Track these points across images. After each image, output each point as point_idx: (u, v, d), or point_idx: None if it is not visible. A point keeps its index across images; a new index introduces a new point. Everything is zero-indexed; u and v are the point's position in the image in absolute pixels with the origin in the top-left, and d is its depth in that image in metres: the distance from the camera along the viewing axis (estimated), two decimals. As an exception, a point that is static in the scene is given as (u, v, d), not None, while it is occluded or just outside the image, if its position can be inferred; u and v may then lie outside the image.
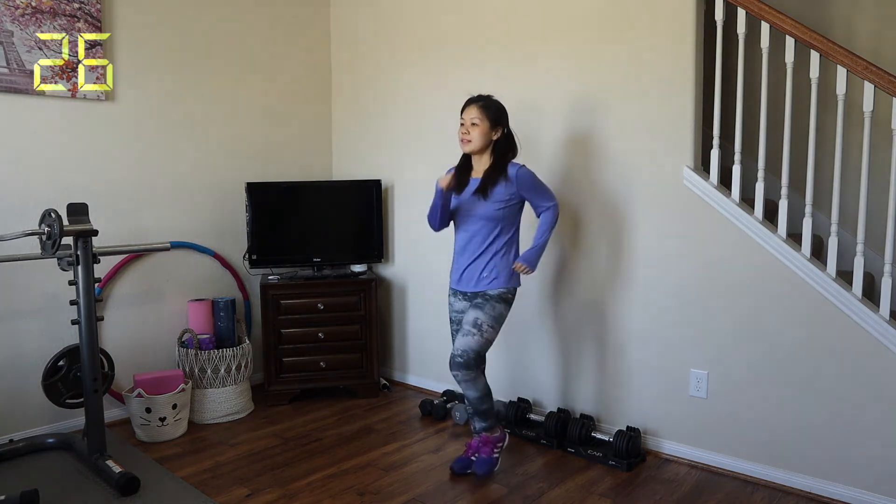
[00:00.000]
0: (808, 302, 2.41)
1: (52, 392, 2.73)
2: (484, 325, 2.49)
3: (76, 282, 2.56)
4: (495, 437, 2.64)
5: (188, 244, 3.47)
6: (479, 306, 2.52)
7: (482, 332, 2.48)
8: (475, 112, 2.52)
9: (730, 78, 2.97)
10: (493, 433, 2.64)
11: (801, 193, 2.87)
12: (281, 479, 2.62)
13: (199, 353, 3.18)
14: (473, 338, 2.48)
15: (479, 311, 2.51)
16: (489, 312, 2.51)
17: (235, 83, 3.64)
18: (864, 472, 2.34)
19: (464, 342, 2.48)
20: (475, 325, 2.49)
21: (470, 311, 2.54)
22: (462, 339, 2.49)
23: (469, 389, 2.52)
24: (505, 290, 2.54)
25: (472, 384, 2.50)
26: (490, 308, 2.51)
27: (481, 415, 2.58)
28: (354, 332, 3.58)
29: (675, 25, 2.64)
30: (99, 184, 3.14)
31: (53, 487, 2.50)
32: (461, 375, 2.49)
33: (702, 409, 2.70)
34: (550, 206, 2.59)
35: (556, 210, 2.60)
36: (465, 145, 2.56)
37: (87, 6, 3.03)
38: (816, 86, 2.41)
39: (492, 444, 2.63)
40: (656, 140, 2.73)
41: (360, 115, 3.96)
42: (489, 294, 2.53)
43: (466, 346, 2.48)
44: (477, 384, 2.51)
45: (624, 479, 2.61)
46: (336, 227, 3.71)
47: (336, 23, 4.05)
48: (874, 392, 2.30)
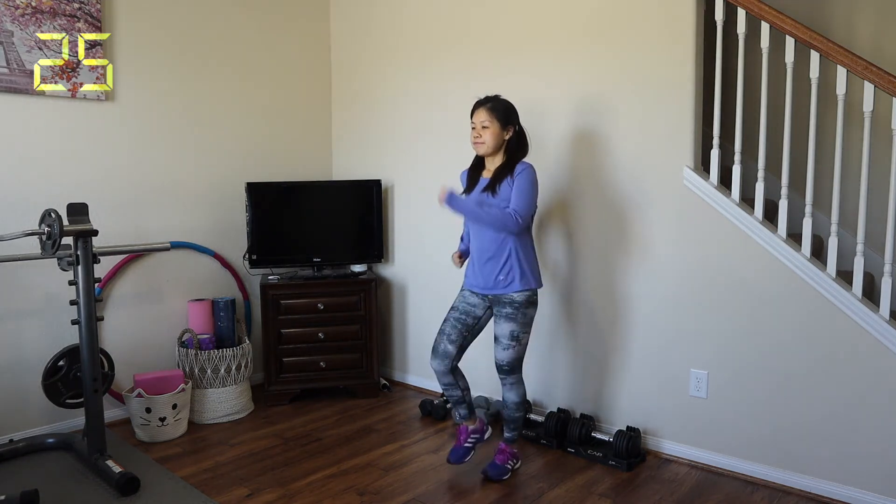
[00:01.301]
0: (808, 302, 2.41)
1: (52, 392, 2.73)
2: (520, 335, 2.52)
3: (76, 282, 2.56)
4: (514, 452, 2.68)
5: (188, 244, 3.47)
6: (512, 318, 2.50)
7: (520, 342, 2.53)
8: (484, 114, 2.51)
9: (730, 78, 2.97)
10: (514, 447, 2.68)
11: (801, 193, 2.88)
12: (281, 479, 2.62)
13: (199, 353, 3.18)
14: (515, 350, 2.52)
15: (512, 322, 2.51)
16: (521, 321, 2.52)
17: (235, 83, 3.64)
18: (864, 472, 2.34)
19: (506, 355, 2.52)
20: (513, 339, 2.51)
21: (503, 323, 2.51)
22: (504, 353, 2.52)
23: (511, 392, 2.58)
24: (530, 293, 2.52)
25: (515, 387, 2.58)
26: (521, 317, 2.52)
27: (512, 422, 2.63)
28: (354, 332, 3.58)
29: (675, 25, 2.64)
30: (99, 184, 3.14)
31: (53, 487, 2.50)
32: (508, 380, 2.56)
33: (702, 409, 2.70)
34: (513, 210, 2.42)
35: (513, 217, 2.41)
36: (479, 148, 2.54)
37: (87, 6, 3.03)
38: (816, 86, 2.41)
39: (509, 455, 2.65)
40: (656, 140, 2.73)
41: (360, 115, 3.96)
42: (517, 301, 2.50)
43: (509, 358, 2.52)
44: (520, 388, 2.59)
45: (624, 479, 2.61)
46: (336, 227, 3.71)
47: (336, 23, 4.05)
48: (874, 392, 2.30)
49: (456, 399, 2.66)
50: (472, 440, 2.70)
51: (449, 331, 2.60)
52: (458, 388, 2.64)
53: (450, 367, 2.60)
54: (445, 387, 2.64)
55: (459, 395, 2.65)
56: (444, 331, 2.61)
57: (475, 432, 2.71)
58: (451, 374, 2.61)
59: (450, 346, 2.59)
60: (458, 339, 2.60)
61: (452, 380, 2.62)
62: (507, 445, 2.66)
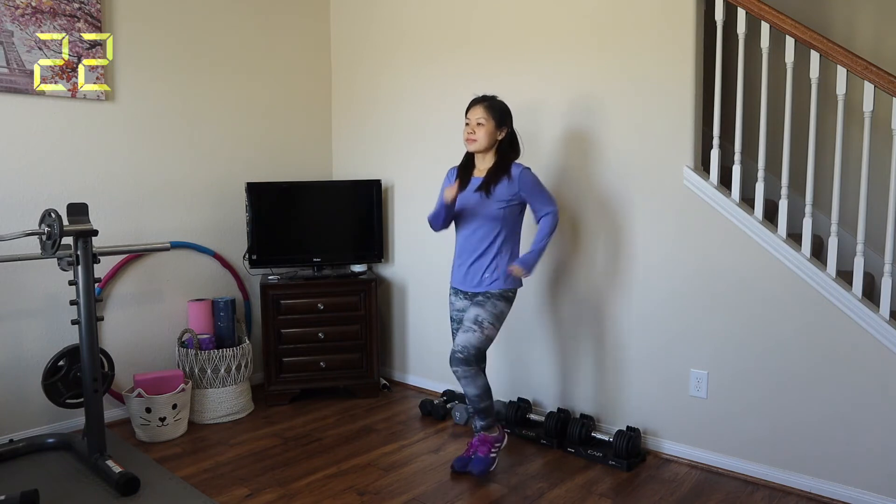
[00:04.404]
0: (808, 302, 2.41)
1: (52, 392, 2.73)
2: (485, 323, 2.50)
3: (76, 282, 2.56)
4: (493, 437, 2.64)
5: (188, 244, 3.47)
6: (481, 304, 2.53)
7: (483, 329, 2.50)
8: (480, 112, 2.53)
9: (730, 78, 2.97)
10: (492, 432, 2.64)
11: (801, 193, 2.88)
12: (281, 479, 2.62)
13: (199, 353, 3.18)
14: (474, 334, 2.49)
15: (480, 308, 2.53)
16: (490, 310, 2.51)
17: (235, 83, 3.64)
18: (863, 472, 2.34)
19: (464, 338, 2.50)
20: (476, 322, 2.50)
21: (471, 308, 2.55)
22: (462, 336, 2.51)
23: (468, 386, 2.52)
24: (506, 289, 2.55)
25: (471, 381, 2.51)
26: (491, 306, 2.52)
27: (480, 413, 2.58)
28: (354, 332, 3.58)
29: (676, 25, 2.64)
30: (99, 184, 3.14)
31: (53, 487, 2.50)
32: (461, 371, 2.50)
33: (702, 409, 2.70)
34: (550, 211, 2.58)
35: (555, 216, 2.58)
36: (471, 144, 2.56)
37: (87, 6, 3.03)
38: (816, 86, 2.41)
39: (489, 443, 2.63)
40: (656, 140, 2.73)
41: (360, 116, 3.96)
42: (490, 292, 2.54)
43: (467, 342, 2.49)
44: (476, 381, 2.52)
45: (624, 479, 2.61)
46: (336, 227, 3.71)
47: (336, 23, 4.05)
48: (874, 392, 2.30)
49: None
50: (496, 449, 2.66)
51: None
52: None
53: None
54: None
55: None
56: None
57: (497, 441, 2.67)
58: None
59: None
60: None
61: None
62: (485, 434, 2.63)
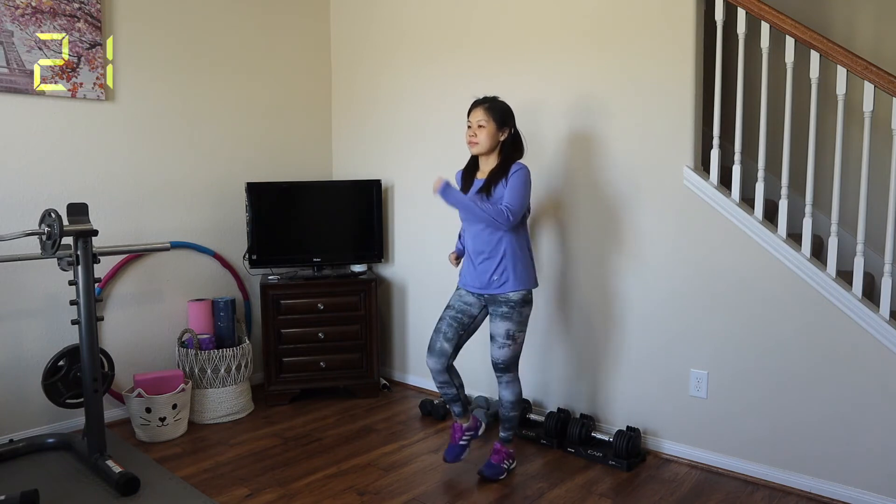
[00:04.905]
0: (808, 302, 2.41)
1: (52, 392, 2.73)
2: (516, 334, 2.53)
3: (76, 282, 2.56)
4: (510, 452, 2.68)
5: (188, 244, 3.47)
6: (508, 317, 2.51)
7: (516, 341, 2.54)
8: (481, 114, 2.51)
9: (730, 78, 2.97)
10: (510, 447, 2.69)
11: (801, 193, 2.88)
12: (281, 479, 2.62)
13: (199, 353, 3.18)
14: (510, 349, 2.54)
15: (508, 321, 2.51)
16: (517, 319, 2.52)
17: (235, 83, 3.64)
18: (863, 472, 2.34)
19: (501, 354, 2.54)
20: (509, 337, 2.52)
21: (499, 322, 2.52)
22: (500, 352, 2.54)
23: (506, 389, 2.59)
24: (525, 292, 2.53)
25: (511, 385, 2.59)
26: (517, 315, 2.52)
27: (507, 422, 2.64)
28: (354, 332, 3.58)
29: (675, 25, 2.64)
30: (99, 184, 3.14)
31: (53, 487, 2.50)
32: (504, 378, 2.58)
33: (702, 409, 2.70)
34: (504, 207, 2.42)
35: (504, 215, 2.40)
36: (473, 147, 2.54)
37: (87, 6, 3.03)
38: (816, 86, 2.41)
39: (504, 455, 2.66)
40: (656, 140, 2.73)
41: (360, 116, 3.96)
42: (512, 301, 2.50)
43: (505, 356, 2.54)
44: (515, 386, 2.60)
45: (624, 479, 2.61)
46: (336, 227, 3.71)
47: (336, 23, 4.05)
48: (874, 392, 2.30)
49: (451, 397, 2.67)
50: (467, 438, 2.71)
51: (445, 329, 2.60)
52: (452, 386, 2.65)
53: (445, 365, 2.60)
54: (441, 385, 2.64)
55: (454, 393, 2.66)
56: (440, 329, 2.62)
57: (469, 430, 2.73)
58: (447, 373, 2.62)
59: (446, 345, 2.59)
60: (454, 337, 2.60)
61: (447, 378, 2.63)
62: (502, 445, 2.66)
